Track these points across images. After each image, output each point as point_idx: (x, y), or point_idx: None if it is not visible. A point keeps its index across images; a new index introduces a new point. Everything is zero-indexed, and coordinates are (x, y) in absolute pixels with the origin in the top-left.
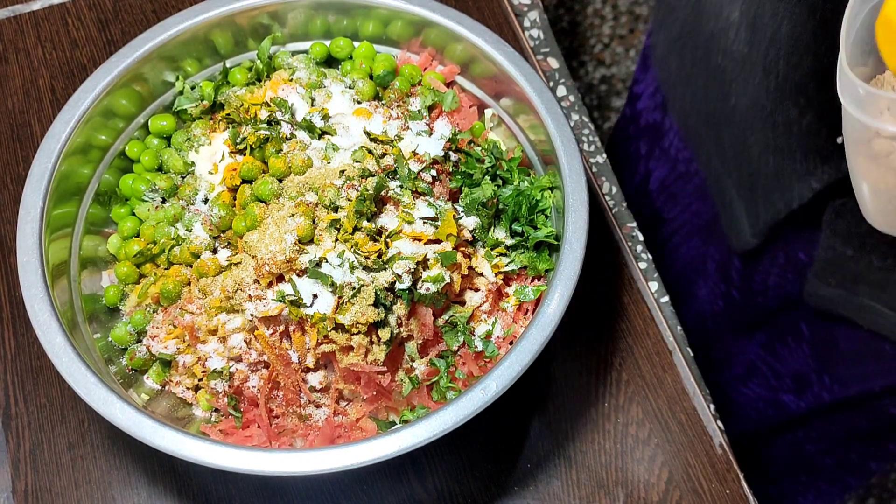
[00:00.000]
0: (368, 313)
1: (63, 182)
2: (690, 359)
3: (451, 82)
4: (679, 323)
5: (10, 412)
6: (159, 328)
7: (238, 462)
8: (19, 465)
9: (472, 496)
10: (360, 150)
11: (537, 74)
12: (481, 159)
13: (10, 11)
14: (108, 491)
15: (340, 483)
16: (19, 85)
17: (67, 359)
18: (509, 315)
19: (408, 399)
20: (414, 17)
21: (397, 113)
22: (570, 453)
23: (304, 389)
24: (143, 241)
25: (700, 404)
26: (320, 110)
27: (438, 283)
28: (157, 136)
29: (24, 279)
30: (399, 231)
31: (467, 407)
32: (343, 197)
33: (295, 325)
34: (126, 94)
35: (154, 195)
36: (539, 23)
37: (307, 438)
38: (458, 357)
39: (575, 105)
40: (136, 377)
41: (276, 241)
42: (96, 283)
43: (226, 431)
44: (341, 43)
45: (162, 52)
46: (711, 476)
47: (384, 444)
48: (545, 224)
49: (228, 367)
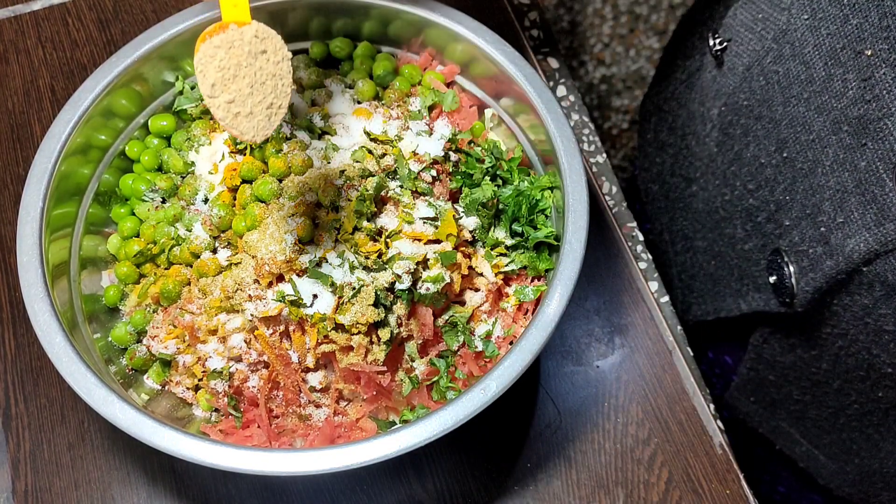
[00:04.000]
0: (369, 313)
1: (63, 182)
2: (690, 358)
3: (451, 82)
4: (679, 323)
5: (10, 412)
6: (159, 328)
7: (238, 462)
8: (19, 466)
9: (472, 496)
10: (360, 150)
11: (537, 74)
12: (481, 159)
13: (10, 11)
14: (108, 491)
15: (340, 483)
16: (19, 85)
17: (67, 359)
18: (509, 315)
19: (408, 399)
20: (414, 17)
21: (397, 113)
22: (570, 453)
23: (304, 389)
24: (143, 241)
25: (700, 404)
26: (320, 110)
27: (438, 283)
28: (157, 136)
29: (24, 279)
30: (399, 231)
31: (467, 407)
32: (343, 197)
33: (295, 326)
34: (126, 94)
35: (154, 195)
36: (539, 23)
37: (307, 438)
38: (458, 357)
39: (575, 105)
40: (136, 377)
41: (276, 241)
42: (96, 283)
43: (226, 431)
44: (341, 43)
45: (162, 52)
46: (711, 476)
47: (384, 444)
48: (545, 224)
49: (228, 368)
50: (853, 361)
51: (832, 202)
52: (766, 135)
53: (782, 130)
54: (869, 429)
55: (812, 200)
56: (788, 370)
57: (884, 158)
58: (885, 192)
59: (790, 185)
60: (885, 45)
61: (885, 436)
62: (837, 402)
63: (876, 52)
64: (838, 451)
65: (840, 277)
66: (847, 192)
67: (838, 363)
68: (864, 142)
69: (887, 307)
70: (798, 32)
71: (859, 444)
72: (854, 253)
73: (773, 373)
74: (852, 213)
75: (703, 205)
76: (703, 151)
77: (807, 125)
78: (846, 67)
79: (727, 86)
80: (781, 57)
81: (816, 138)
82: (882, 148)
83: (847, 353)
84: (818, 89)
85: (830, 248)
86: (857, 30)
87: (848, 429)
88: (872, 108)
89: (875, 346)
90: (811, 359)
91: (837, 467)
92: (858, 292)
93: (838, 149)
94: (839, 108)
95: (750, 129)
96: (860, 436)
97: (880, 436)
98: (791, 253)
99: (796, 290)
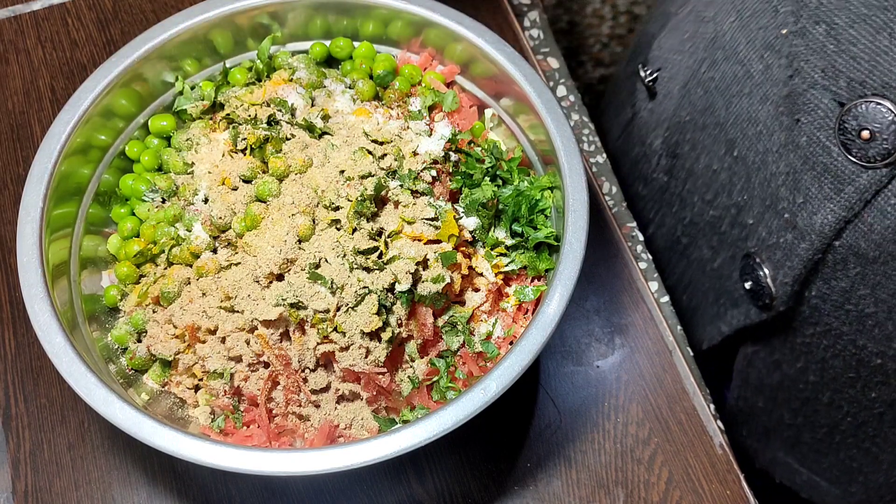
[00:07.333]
0: (372, 322)
1: (63, 182)
2: (690, 358)
3: (451, 82)
4: (679, 323)
5: (10, 412)
6: (159, 328)
7: (238, 462)
8: (19, 466)
9: (472, 496)
10: (360, 150)
11: (537, 74)
12: (481, 159)
13: (10, 11)
14: (108, 491)
15: (340, 483)
16: (19, 85)
17: (67, 359)
18: (509, 315)
19: (408, 399)
20: (414, 17)
21: (397, 113)
22: (570, 453)
23: (304, 389)
24: (143, 241)
25: (700, 404)
26: (320, 110)
27: (438, 283)
28: (157, 136)
29: (24, 279)
30: (399, 231)
31: (467, 407)
32: (343, 197)
33: (295, 326)
34: (126, 94)
35: (154, 195)
36: (539, 23)
37: (307, 438)
38: (458, 357)
39: (575, 105)
40: (136, 377)
41: (276, 241)
42: (96, 283)
43: (226, 431)
44: (341, 43)
45: (162, 52)
46: (711, 476)
47: (384, 444)
48: (545, 224)
49: (229, 368)
50: (840, 363)
51: (787, 186)
52: (714, 140)
53: (729, 131)
54: (866, 443)
55: (769, 191)
56: (776, 391)
57: (821, 127)
58: (833, 160)
59: (746, 184)
60: (793, 19)
61: (884, 447)
62: (830, 418)
63: (789, 29)
64: (839, 474)
65: (816, 258)
66: (798, 172)
67: (825, 370)
68: (797, 117)
69: (865, 287)
70: (728, 36)
71: (859, 461)
72: (824, 227)
73: (761, 398)
74: (810, 191)
75: (663, 242)
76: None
77: (752, 118)
78: (780, 53)
79: (666, 111)
80: (715, 63)
81: (763, 128)
82: (816, 118)
83: (833, 354)
84: (758, 81)
85: (799, 230)
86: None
87: (845, 447)
88: (797, 82)
89: (860, 335)
90: (797, 374)
91: (841, 491)
92: (835, 276)
93: (781, 133)
94: (776, 93)
95: (697, 142)
96: (859, 452)
97: (879, 448)
98: (762, 251)
99: (774, 287)
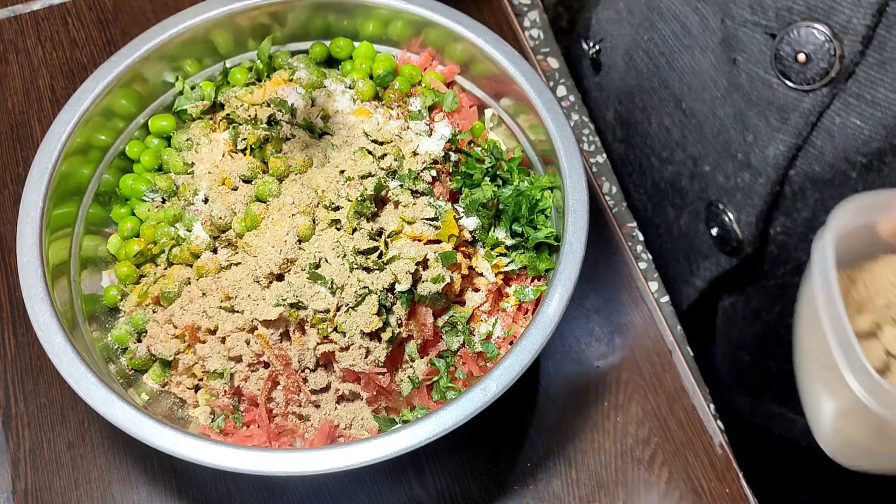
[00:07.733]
0: (372, 322)
1: (63, 182)
2: (690, 358)
3: (451, 82)
4: (679, 322)
5: (10, 412)
6: (159, 328)
7: (238, 462)
8: (19, 465)
9: (472, 496)
10: (360, 150)
11: (537, 74)
12: (481, 159)
13: (9, 11)
14: (108, 491)
15: (340, 483)
16: (19, 85)
17: (67, 359)
18: (509, 315)
19: (408, 399)
20: (414, 17)
21: (397, 113)
22: (570, 453)
23: (304, 389)
24: (143, 241)
25: (700, 403)
26: (320, 110)
27: (439, 283)
28: (157, 136)
29: (24, 279)
30: (399, 231)
31: (467, 407)
32: (343, 197)
33: (295, 326)
34: (126, 94)
35: (154, 195)
36: (539, 23)
37: (307, 438)
38: (458, 357)
39: (575, 105)
40: (136, 377)
41: (276, 241)
42: (96, 283)
43: (226, 431)
44: (341, 43)
45: (162, 52)
46: (711, 476)
47: (384, 444)
48: (545, 224)
49: (228, 368)
50: None
51: (736, 128)
52: (662, 100)
53: (675, 88)
54: None
55: (721, 138)
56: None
57: (758, 62)
58: (774, 91)
59: (699, 135)
60: None
61: None
62: None
63: None
64: None
65: (775, 191)
66: (744, 111)
67: None
68: (734, 57)
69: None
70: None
71: None
72: (777, 158)
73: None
74: (758, 127)
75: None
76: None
77: (695, 70)
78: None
79: (613, 81)
80: (653, 25)
81: (707, 77)
82: (752, 54)
83: None
84: (695, 33)
85: (754, 168)
86: None
87: None
88: (728, 24)
89: None
90: (777, 319)
91: None
92: (795, 208)
93: (722, 78)
94: (714, 41)
95: (647, 105)
96: None
97: None
98: (723, 196)
99: (740, 230)
